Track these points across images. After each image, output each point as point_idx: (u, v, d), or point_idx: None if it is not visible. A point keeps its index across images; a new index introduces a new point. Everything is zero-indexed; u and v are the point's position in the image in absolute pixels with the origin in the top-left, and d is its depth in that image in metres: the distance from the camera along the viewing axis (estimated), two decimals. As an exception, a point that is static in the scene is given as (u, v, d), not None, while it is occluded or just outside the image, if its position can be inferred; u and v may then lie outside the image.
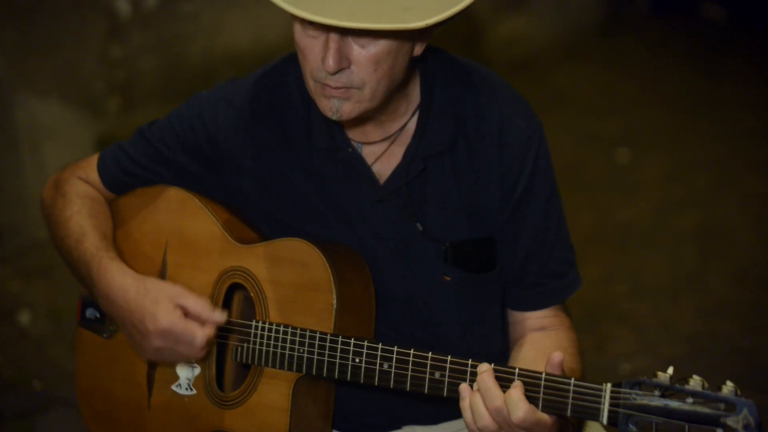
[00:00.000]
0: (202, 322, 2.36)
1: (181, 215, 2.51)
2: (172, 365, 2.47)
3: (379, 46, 2.19)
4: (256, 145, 2.44)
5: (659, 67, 8.18)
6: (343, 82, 2.21)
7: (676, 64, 8.21)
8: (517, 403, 2.11)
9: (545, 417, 2.13)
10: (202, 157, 2.48)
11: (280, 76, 2.44)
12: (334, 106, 2.24)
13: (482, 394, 2.13)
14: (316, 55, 2.20)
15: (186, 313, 2.36)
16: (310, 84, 2.26)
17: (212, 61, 6.03)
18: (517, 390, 2.12)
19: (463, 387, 2.17)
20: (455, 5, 2.14)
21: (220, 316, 2.37)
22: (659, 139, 6.90)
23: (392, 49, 2.20)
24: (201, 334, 2.35)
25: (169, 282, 2.42)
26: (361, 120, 2.34)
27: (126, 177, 2.56)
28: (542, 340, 2.42)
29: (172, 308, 2.36)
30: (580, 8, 8.41)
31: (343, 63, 2.19)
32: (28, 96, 5.19)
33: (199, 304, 2.37)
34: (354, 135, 2.39)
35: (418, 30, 2.17)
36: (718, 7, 9.00)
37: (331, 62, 2.17)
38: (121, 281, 2.42)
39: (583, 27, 8.42)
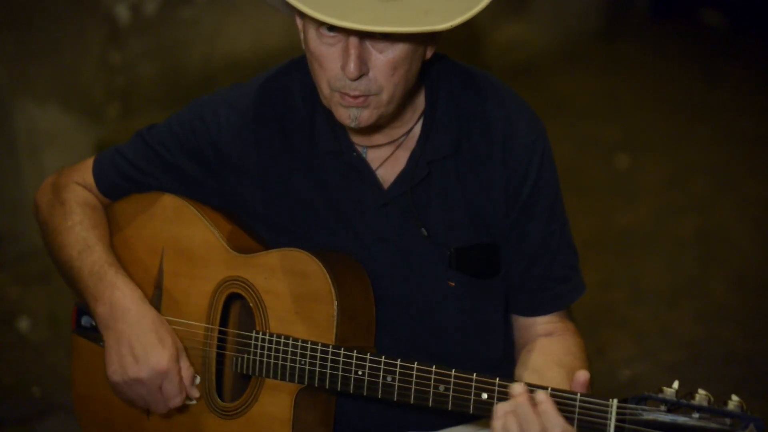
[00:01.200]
0: (181, 387, 2.42)
1: (177, 223, 2.51)
2: (127, 401, 2.47)
3: (397, 50, 2.20)
4: (258, 149, 2.44)
5: (659, 72, 8.17)
6: (362, 90, 2.21)
7: (676, 69, 8.20)
8: (554, 419, 2.09)
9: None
10: (203, 160, 2.47)
11: (283, 80, 2.44)
12: (353, 115, 2.24)
13: (520, 419, 2.11)
14: (334, 63, 2.20)
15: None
16: (326, 92, 2.26)
17: (212, 68, 6.03)
18: (549, 404, 2.10)
19: (499, 407, 2.14)
20: (474, 6, 2.15)
21: (196, 393, 2.45)
22: (659, 144, 6.90)
23: (409, 53, 2.21)
24: (178, 401, 2.42)
25: (176, 334, 2.45)
26: (376, 125, 2.34)
27: (123, 182, 2.55)
28: (550, 346, 2.42)
29: (174, 358, 2.40)
30: (579, 13, 8.41)
31: (363, 69, 2.19)
32: (28, 101, 5.19)
33: (189, 372, 2.43)
34: (359, 139, 2.39)
35: (431, 33, 2.18)
36: (718, 12, 9.00)
37: (352, 68, 2.18)
38: (139, 307, 2.43)
39: (582, 32, 8.41)
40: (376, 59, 2.20)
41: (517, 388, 2.12)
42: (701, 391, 2.01)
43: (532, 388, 2.13)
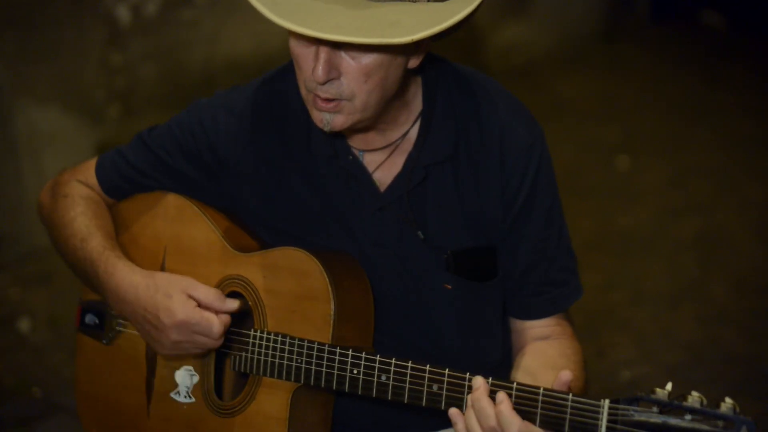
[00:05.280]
0: (215, 310, 2.36)
1: (180, 222, 2.52)
2: (190, 356, 2.46)
3: (370, 58, 2.18)
4: (256, 153, 2.44)
5: (659, 73, 8.18)
6: (332, 94, 2.21)
7: (676, 71, 8.21)
8: (509, 418, 2.10)
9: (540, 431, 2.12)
10: (202, 164, 2.48)
11: (281, 83, 2.44)
12: (326, 119, 2.24)
13: (476, 413, 2.12)
14: (308, 65, 2.21)
15: (199, 304, 2.36)
16: (303, 93, 2.26)
17: (212, 69, 6.04)
18: (505, 405, 2.11)
19: (453, 412, 2.16)
20: (443, 21, 2.12)
21: (231, 303, 2.38)
22: (659, 145, 6.90)
23: (383, 61, 2.20)
24: (218, 323, 2.35)
25: (177, 274, 2.42)
26: (360, 129, 2.34)
27: (125, 183, 2.56)
28: (545, 349, 2.42)
29: (185, 299, 2.36)
30: (579, 15, 8.41)
31: (333, 74, 2.19)
32: (28, 103, 5.19)
33: (210, 294, 2.37)
34: (355, 142, 2.39)
35: (414, 42, 2.17)
36: (718, 13, 9.01)
37: (320, 72, 2.17)
38: (130, 279, 2.41)
39: (582, 34, 8.42)
40: (347, 65, 2.19)
41: (476, 382, 2.15)
42: (694, 393, 2.01)
43: (495, 386, 2.15)
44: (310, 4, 2.14)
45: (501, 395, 2.12)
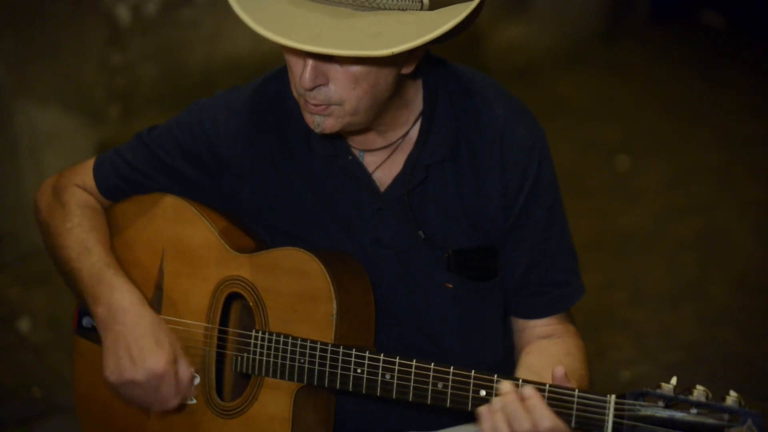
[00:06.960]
0: (179, 389, 2.40)
1: (178, 223, 2.51)
2: (128, 401, 2.45)
3: (357, 66, 2.17)
4: (256, 153, 2.44)
5: (659, 73, 8.18)
6: (321, 99, 2.21)
7: (676, 71, 8.21)
8: (542, 411, 2.10)
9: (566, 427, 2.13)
10: (202, 164, 2.48)
11: (281, 83, 2.44)
12: (317, 121, 2.24)
13: (508, 416, 2.11)
14: (298, 70, 2.20)
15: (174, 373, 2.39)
16: (295, 96, 2.27)
17: (212, 69, 6.04)
18: (537, 398, 2.10)
19: (484, 408, 2.14)
20: (428, 33, 2.10)
21: (193, 394, 2.43)
22: (659, 145, 6.90)
23: (372, 69, 2.19)
24: (175, 402, 2.41)
25: (174, 335, 2.43)
26: (358, 130, 2.34)
27: (123, 184, 2.55)
28: (549, 348, 2.42)
29: (171, 361, 2.38)
30: (579, 15, 8.42)
31: (320, 80, 2.18)
32: (28, 103, 5.19)
33: (187, 373, 2.41)
34: (355, 143, 2.39)
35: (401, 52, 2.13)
36: (718, 14, 9.01)
37: (306, 79, 2.17)
38: (138, 309, 2.41)
39: (582, 34, 8.42)
40: (335, 72, 2.18)
41: (504, 387, 2.14)
42: (699, 387, 2.02)
43: (517, 383, 2.14)
44: (293, 11, 2.13)
45: (528, 390, 2.12)
